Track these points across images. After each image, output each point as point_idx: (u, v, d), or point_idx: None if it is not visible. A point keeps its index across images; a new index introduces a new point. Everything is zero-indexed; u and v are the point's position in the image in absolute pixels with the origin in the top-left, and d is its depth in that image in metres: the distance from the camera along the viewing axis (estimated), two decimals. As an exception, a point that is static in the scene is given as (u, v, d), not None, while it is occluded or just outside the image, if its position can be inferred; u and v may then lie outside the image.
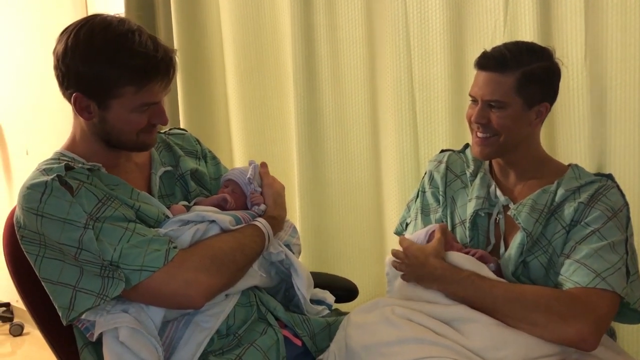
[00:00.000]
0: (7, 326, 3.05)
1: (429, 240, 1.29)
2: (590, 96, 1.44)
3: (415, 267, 1.21)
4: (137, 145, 1.20)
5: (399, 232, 1.49)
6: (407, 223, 1.46)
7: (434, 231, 1.30)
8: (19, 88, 3.09)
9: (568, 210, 1.19)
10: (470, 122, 1.26)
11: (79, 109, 1.14)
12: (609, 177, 1.24)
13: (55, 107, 2.82)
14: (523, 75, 1.18)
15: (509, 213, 1.24)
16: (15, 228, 1.13)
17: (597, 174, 1.25)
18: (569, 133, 1.49)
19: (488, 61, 1.21)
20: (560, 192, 1.21)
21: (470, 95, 1.26)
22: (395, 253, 1.27)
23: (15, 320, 3.08)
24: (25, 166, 3.18)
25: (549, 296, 1.12)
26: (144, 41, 1.10)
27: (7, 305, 3.18)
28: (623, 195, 1.21)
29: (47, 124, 2.88)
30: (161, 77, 1.13)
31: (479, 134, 1.25)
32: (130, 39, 1.09)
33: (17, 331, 3.01)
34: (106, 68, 1.09)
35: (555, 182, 1.23)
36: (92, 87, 1.11)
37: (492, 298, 1.13)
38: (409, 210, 1.46)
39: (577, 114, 1.47)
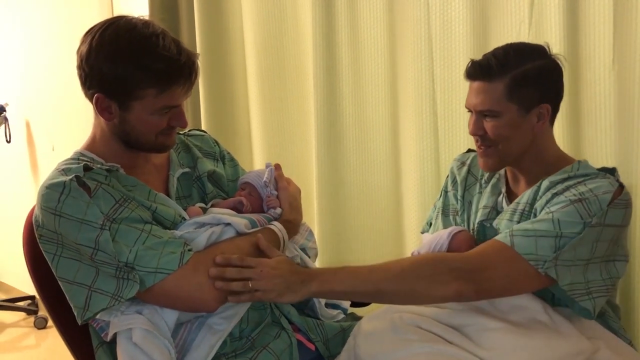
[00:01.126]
0: (31, 319, 3.12)
1: (450, 241, 1.27)
2: (617, 102, 1.39)
3: (286, 277, 1.08)
4: (156, 147, 1.21)
5: (425, 232, 1.48)
6: (431, 223, 1.45)
7: (457, 232, 1.29)
8: (46, 85, 3.15)
9: (540, 202, 1.14)
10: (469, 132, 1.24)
11: (100, 109, 1.15)
12: (611, 171, 1.18)
13: (81, 104, 2.86)
14: (512, 80, 1.14)
15: (494, 225, 1.21)
16: (34, 227, 1.14)
17: (601, 169, 1.19)
18: (595, 139, 1.44)
19: (474, 70, 1.18)
20: (545, 184, 1.16)
21: (466, 107, 1.23)
22: (226, 264, 1.09)
23: (40, 313, 3.14)
24: (52, 162, 3.23)
25: (429, 262, 1.10)
26: (168, 45, 1.11)
27: (32, 298, 3.25)
28: (621, 186, 1.13)
29: (73, 120, 2.93)
30: (183, 81, 1.13)
31: (480, 146, 1.22)
32: (154, 42, 1.10)
33: (42, 324, 3.07)
34: (130, 70, 1.10)
35: (545, 178, 1.18)
36: (115, 88, 1.12)
37: (373, 283, 1.09)
38: (435, 209, 1.45)
39: (603, 120, 1.42)
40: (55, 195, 1.09)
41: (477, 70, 1.17)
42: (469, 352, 1.07)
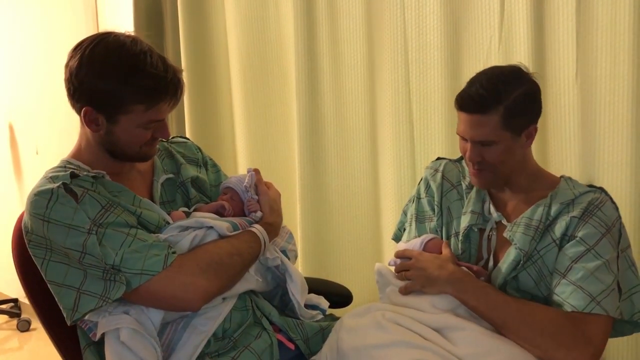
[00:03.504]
0: (14, 322, 3.12)
1: (423, 249, 1.32)
2: (580, 113, 1.47)
3: (430, 270, 1.23)
4: (139, 156, 1.26)
5: (398, 237, 1.51)
6: (404, 228, 1.47)
7: (429, 240, 1.33)
8: (30, 88, 3.15)
9: (560, 225, 1.20)
10: (465, 157, 1.27)
11: (88, 121, 1.19)
12: (601, 189, 1.25)
13: (65, 108, 2.87)
14: (506, 111, 1.17)
15: (504, 234, 1.25)
16: (23, 232, 1.18)
17: (590, 186, 1.26)
18: (560, 147, 1.52)
19: (468, 104, 1.20)
20: (555, 206, 1.22)
21: (459, 134, 1.26)
22: (400, 256, 1.29)
23: (23, 316, 3.14)
24: (36, 166, 3.24)
25: (555, 323, 1.14)
26: (155, 62, 1.16)
27: (15, 301, 3.25)
28: (616, 208, 1.22)
29: (57, 124, 2.93)
30: (169, 98, 1.19)
31: (475, 168, 1.26)
32: (142, 60, 1.15)
33: (25, 327, 3.07)
34: (120, 86, 1.14)
35: (549, 196, 1.24)
36: (104, 103, 1.16)
37: (503, 314, 1.16)
38: (406, 215, 1.48)
39: (568, 130, 1.50)
40: (43, 202, 1.13)
41: (471, 104, 1.20)
42: (446, 351, 1.12)
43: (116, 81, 1.14)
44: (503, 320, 1.16)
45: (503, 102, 1.17)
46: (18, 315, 3.16)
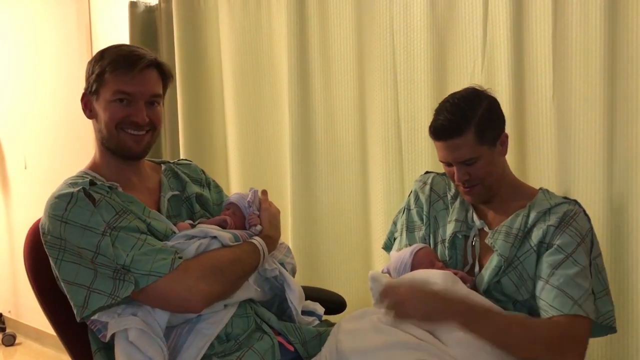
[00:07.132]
0: (-1, 336, 3.12)
1: (414, 259, 1.39)
2: (557, 131, 1.57)
3: (431, 302, 1.16)
4: (120, 145, 1.31)
5: (388, 246, 1.58)
6: (395, 238, 1.55)
7: (419, 250, 1.41)
8: (19, 102, 3.16)
9: (537, 232, 1.29)
10: (453, 179, 1.36)
11: (84, 108, 1.33)
12: (575, 202, 1.34)
13: (54, 122, 2.91)
14: (477, 128, 1.28)
15: (486, 241, 1.34)
16: (40, 234, 1.25)
17: (565, 198, 1.36)
18: (538, 163, 1.62)
19: (443, 132, 1.30)
20: (533, 214, 1.31)
21: (442, 161, 1.36)
22: (388, 291, 1.18)
23: (8, 330, 3.13)
24: (24, 180, 3.25)
25: (554, 333, 1.20)
26: (137, 49, 1.32)
27: (0, 315, 3.24)
28: (589, 220, 1.32)
29: (47, 138, 2.95)
30: (139, 71, 1.28)
31: (466, 187, 1.35)
32: (129, 47, 1.31)
33: (10, 341, 3.06)
34: (100, 62, 1.29)
35: (527, 206, 1.33)
36: (92, 83, 1.30)
37: (511, 337, 1.19)
38: (396, 226, 1.56)
39: (545, 146, 1.60)
40: (63, 205, 1.21)
41: (446, 132, 1.29)
42: (441, 351, 1.18)
43: (102, 61, 1.29)
44: (512, 343, 1.19)
45: (472, 121, 1.28)
46: (3, 330, 3.15)
